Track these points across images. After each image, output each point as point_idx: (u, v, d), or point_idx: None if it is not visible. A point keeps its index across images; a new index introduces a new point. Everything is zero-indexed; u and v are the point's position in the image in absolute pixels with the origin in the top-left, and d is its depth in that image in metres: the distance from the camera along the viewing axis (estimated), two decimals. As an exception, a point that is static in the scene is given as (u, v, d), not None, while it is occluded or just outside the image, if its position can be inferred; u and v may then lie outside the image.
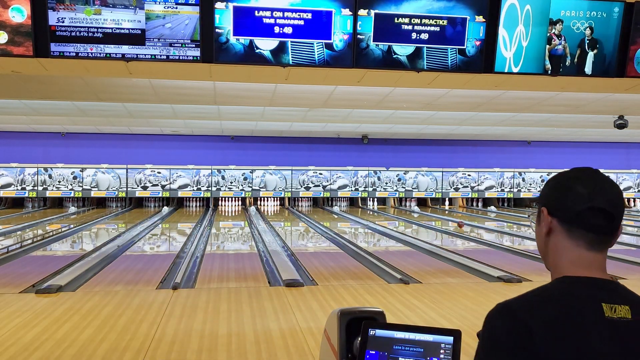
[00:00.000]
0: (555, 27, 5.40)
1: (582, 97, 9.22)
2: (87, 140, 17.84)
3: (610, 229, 1.20)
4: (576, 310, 1.10)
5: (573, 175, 1.26)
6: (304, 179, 18.98)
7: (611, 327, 1.09)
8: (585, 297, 1.12)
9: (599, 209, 1.17)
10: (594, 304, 1.11)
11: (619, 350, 1.07)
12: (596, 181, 1.22)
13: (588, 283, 1.15)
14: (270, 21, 5.03)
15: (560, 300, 1.12)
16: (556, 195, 1.23)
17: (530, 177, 20.23)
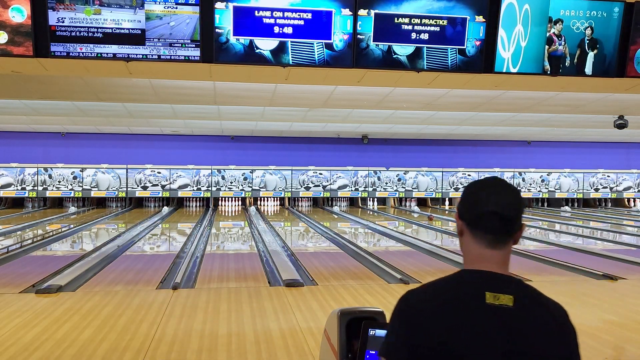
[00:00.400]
0: (555, 26, 5.40)
1: (582, 97, 9.22)
2: (87, 140, 17.83)
3: (506, 230, 1.36)
4: (461, 296, 1.30)
5: (478, 184, 1.42)
6: (304, 179, 18.98)
7: (491, 312, 1.28)
8: (471, 286, 1.32)
9: (494, 212, 1.34)
10: (477, 292, 1.30)
11: (497, 331, 1.26)
12: (495, 188, 1.37)
13: (478, 275, 1.34)
14: (270, 21, 5.03)
15: (449, 289, 1.33)
16: (463, 202, 1.42)
17: (530, 177, 20.22)
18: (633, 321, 4.98)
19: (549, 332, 1.29)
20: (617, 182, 20.53)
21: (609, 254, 8.88)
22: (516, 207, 1.37)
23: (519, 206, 1.38)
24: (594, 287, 6.36)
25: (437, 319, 1.28)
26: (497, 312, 1.28)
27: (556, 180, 20.29)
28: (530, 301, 1.33)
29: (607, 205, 20.79)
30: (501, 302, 1.28)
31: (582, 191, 20.44)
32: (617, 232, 12.77)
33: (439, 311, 1.29)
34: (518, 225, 1.37)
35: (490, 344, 1.25)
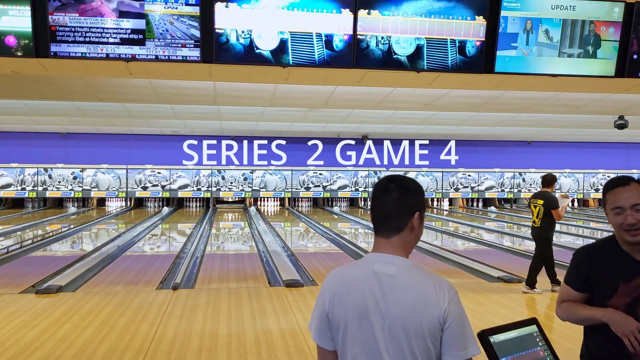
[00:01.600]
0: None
1: (582, 97, 9.22)
2: (87, 141, 17.83)
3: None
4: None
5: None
6: (304, 179, 18.98)
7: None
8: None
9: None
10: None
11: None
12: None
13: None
14: (270, 21, 5.03)
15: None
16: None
17: (530, 178, 20.23)
18: (633, 321, 4.97)
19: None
20: (617, 182, 20.52)
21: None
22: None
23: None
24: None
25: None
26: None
27: (556, 180, 20.29)
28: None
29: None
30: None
31: (582, 191, 20.44)
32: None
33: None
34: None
35: None
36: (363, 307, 1.55)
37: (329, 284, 1.65)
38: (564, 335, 4.51)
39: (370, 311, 1.54)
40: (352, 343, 1.55)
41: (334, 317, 1.58)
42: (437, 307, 1.51)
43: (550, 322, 5.02)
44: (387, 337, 1.52)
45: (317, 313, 1.63)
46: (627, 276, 1.95)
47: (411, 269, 1.60)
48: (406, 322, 1.51)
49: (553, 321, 5.16)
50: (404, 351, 1.51)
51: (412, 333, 1.51)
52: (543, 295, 6.21)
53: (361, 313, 1.55)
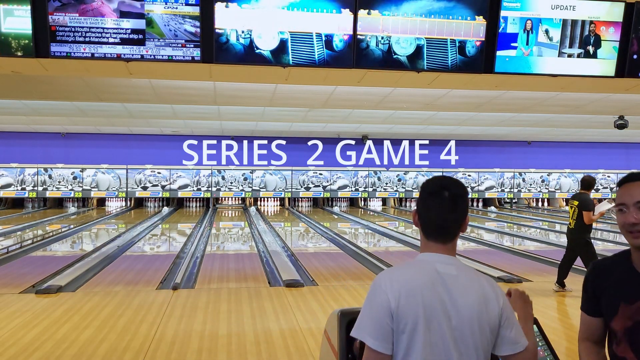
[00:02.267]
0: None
1: (582, 97, 9.22)
2: (87, 141, 17.83)
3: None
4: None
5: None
6: (304, 179, 18.98)
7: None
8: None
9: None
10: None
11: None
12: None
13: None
14: (270, 21, 5.03)
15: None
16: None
17: (530, 178, 20.22)
18: (633, 321, 4.97)
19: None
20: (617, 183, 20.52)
21: (609, 254, 8.87)
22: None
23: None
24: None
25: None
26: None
27: (556, 180, 20.29)
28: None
29: (607, 206, 20.78)
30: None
31: (582, 191, 20.42)
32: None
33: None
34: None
35: None
36: (433, 307, 1.53)
37: (392, 284, 1.56)
38: (564, 335, 4.52)
39: (439, 312, 1.53)
40: (421, 345, 1.52)
41: (400, 319, 1.52)
42: (496, 304, 1.57)
43: (550, 322, 5.02)
44: (457, 337, 1.53)
45: (376, 316, 1.53)
46: (630, 295, 1.66)
47: (467, 269, 1.63)
48: (473, 321, 1.54)
49: (553, 321, 5.16)
50: (470, 349, 1.54)
51: (478, 331, 1.54)
52: (544, 295, 6.21)
53: (432, 313, 1.53)
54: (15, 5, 4.77)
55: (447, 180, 1.66)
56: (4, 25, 4.78)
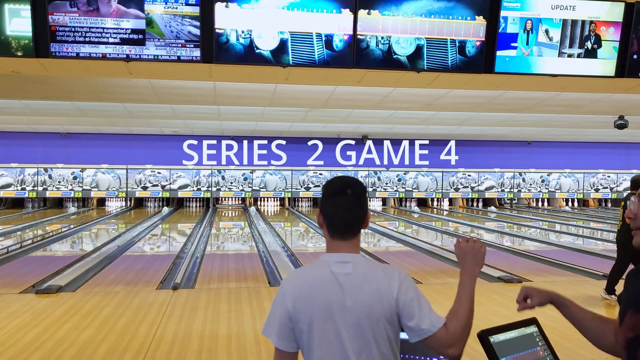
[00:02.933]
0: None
1: (582, 97, 9.22)
2: (87, 141, 17.82)
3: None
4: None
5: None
6: (304, 179, 18.98)
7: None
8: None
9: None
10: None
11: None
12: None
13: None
14: (270, 21, 5.03)
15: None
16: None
17: (530, 178, 20.22)
18: (633, 321, 4.97)
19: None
20: (618, 183, 20.52)
21: (609, 254, 8.88)
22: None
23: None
24: (595, 288, 6.35)
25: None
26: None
27: (556, 180, 20.28)
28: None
29: (607, 206, 20.79)
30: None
31: (582, 191, 20.44)
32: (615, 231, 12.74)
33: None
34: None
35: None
36: (327, 307, 1.63)
37: (290, 288, 1.69)
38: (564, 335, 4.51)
39: (334, 310, 1.63)
40: (318, 343, 1.63)
41: (298, 319, 1.64)
42: (390, 297, 1.63)
43: (550, 322, 5.02)
44: (351, 332, 1.62)
45: (277, 317, 1.66)
46: (638, 303, 1.45)
47: (364, 264, 1.72)
48: (366, 316, 1.62)
49: (553, 321, 5.16)
50: (368, 342, 1.61)
51: (375, 325, 1.62)
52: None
53: (325, 313, 1.63)
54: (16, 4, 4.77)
55: (349, 179, 1.79)
56: (9, 28, 4.78)
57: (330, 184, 1.80)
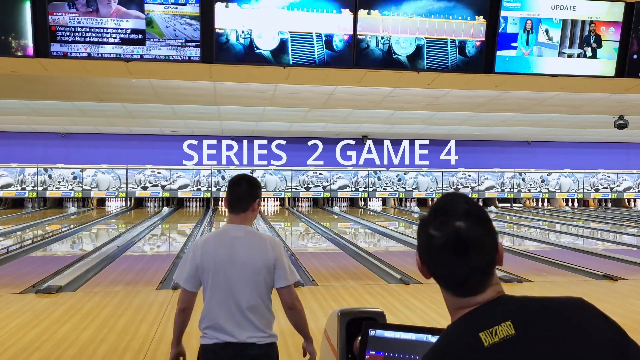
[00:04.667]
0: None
1: (582, 97, 9.22)
2: (87, 141, 17.82)
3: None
4: (459, 353, 1.08)
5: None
6: (304, 179, 18.98)
7: (497, 351, 1.05)
8: (462, 335, 1.10)
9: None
10: (471, 338, 1.08)
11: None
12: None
13: (463, 319, 1.13)
14: (270, 21, 5.03)
15: (448, 348, 1.11)
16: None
17: (530, 178, 20.22)
18: (634, 321, 4.97)
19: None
20: (617, 183, 20.52)
21: (609, 254, 8.89)
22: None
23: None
24: (594, 288, 6.35)
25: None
26: (504, 348, 1.05)
27: (556, 180, 20.28)
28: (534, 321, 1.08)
29: (607, 206, 20.79)
30: (501, 336, 1.06)
31: (582, 191, 20.44)
32: (617, 232, 12.76)
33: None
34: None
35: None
36: (220, 261, 2.45)
37: (200, 247, 2.51)
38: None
39: (225, 262, 2.44)
40: (211, 285, 2.49)
41: (204, 267, 2.47)
42: (270, 254, 2.47)
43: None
44: (237, 277, 2.44)
45: (188, 266, 2.51)
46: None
47: (253, 234, 2.54)
48: (250, 265, 2.44)
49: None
50: (250, 284, 2.44)
51: (255, 271, 2.44)
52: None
53: (219, 264, 2.45)
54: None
55: (247, 175, 2.68)
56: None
57: (233, 178, 2.64)
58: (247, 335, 2.48)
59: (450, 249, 1.12)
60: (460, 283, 1.14)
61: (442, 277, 1.16)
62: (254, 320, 2.47)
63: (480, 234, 1.13)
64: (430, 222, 1.16)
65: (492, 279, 1.16)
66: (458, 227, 1.11)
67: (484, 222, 1.15)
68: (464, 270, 1.12)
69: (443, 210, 1.16)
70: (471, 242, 1.12)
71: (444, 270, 1.15)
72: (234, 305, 2.47)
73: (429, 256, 1.16)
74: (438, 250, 1.13)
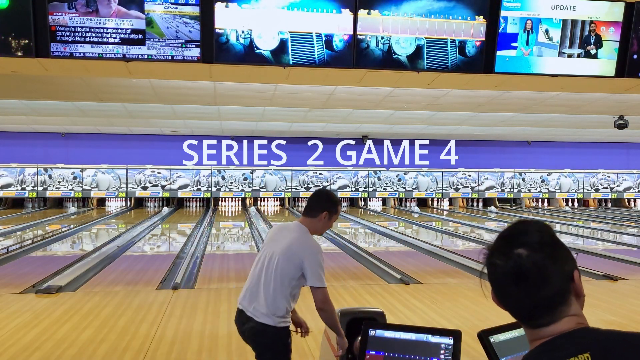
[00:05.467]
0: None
1: (582, 97, 9.22)
2: (87, 141, 17.82)
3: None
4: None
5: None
6: (304, 179, 18.98)
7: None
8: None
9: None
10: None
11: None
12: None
13: (536, 351, 1.10)
14: (270, 21, 5.03)
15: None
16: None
17: (530, 177, 20.22)
18: (634, 321, 4.98)
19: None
20: (617, 183, 20.52)
21: (609, 254, 8.89)
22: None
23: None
24: (595, 288, 6.35)
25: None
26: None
27: (556, 180, 20.28)
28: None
29: (607, 206, 20.79)
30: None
31: (582, 191, 20.44)
32: (617, 232, 12.76)
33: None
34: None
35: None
36: (270, 242, 2.94)
37: (270, 230, 3.18)
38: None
39: (271, 245, 2.90)
40: (257, 258, 2.95)
41: (263, 243, 3.05)
42: (301, 254, 2.78)
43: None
44: (270, 259, 2.84)
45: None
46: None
47: (302, 233, 2.88)
48: (283, 255, 2.81)
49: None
50: (276, 269, 2.80)
51: (284, 261, 2.80)
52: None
53: (267, 244, 2.95)
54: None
55: (325, 190, 3.10)
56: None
57: (316, 190, 3.11)
58: (252, 308, 2.79)
59: (511, 278, 1.08)
60: (526, 314, 1.10)
61: (509, 307, 1.12)
62: (263, 299, 2.77)
63: (545, 263, 1.07)
64: (495, 250, 1.12)
65: (567, 310, 1.08)
66: (518, 256, 1.07)
67: (552, 251, 1.09)
68: (528, 301, 1.08)
69: (509, 238, 1.11)
70: (532, 272, 1.06)
71: (508, 301, 1.11)
72: (258, 280, 2.82)
73: (493, 286, 1.13)
74: (499, 279, 1.10)
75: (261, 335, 2.79)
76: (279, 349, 2.83)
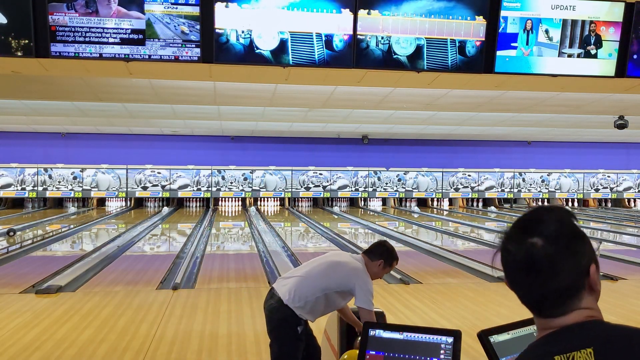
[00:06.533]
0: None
1: (582, 97, 9.22)
2: (87, 141, 17.82)
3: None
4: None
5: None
6: (304, 179, 18.97)
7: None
8: (537, 356, 1.06)
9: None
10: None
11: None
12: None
13: (542, 340, 1.08)
14: (270, 21, 5.03)
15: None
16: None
17: (530, 178, 20.21)
18: (634, 322, 4.97)
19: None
20: (617, 183, 20.52)
21: (609, 254, 8.88)
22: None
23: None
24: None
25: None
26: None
27: (556, 180, 20.28)
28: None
29: (607, 206, 20.79)
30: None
31: (582, 191, 20.44)
32: (617, 232, 12.76)
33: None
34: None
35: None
36: (324, 255, 3.44)
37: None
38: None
39: (324, 257, 3.40)
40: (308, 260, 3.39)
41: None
42: (347, 275, 3.09)
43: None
44: (317, 265, 3.26)
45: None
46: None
47: (352, 259, 3.24)
48: (330, 265, 3.23)
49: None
50: (319, 271, 3.21)
51: (329, 269, 3.21)
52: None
53: (320, 256, 3.43)
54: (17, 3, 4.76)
55: (384, 242, 3.38)
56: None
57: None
58: (280, 290, 3.09)
59: (521, 267, 1.06)
60: (535, 303, 1.09)
61: (519, 295, 1.11)
62: (294, 287, 3.06)
63: (558, 256, 1.04)
64: (512, 237, 1.10)
65: (578, 303, 1.06)
66: (531, 245, 1.05)
67: (568, 243, 1.05)
68: (537, 292, 1.06)
69: (525, 226, 1.09)
70: (544, 264, 1.04)
71: (518, 288, 1.10)
72: (299, 272, 3.21)
73: (505, 271, 1.11)
74: (511, 266, 1.09)
75: (276, 312, 3.04)
76: (287, 332, 3.02)
